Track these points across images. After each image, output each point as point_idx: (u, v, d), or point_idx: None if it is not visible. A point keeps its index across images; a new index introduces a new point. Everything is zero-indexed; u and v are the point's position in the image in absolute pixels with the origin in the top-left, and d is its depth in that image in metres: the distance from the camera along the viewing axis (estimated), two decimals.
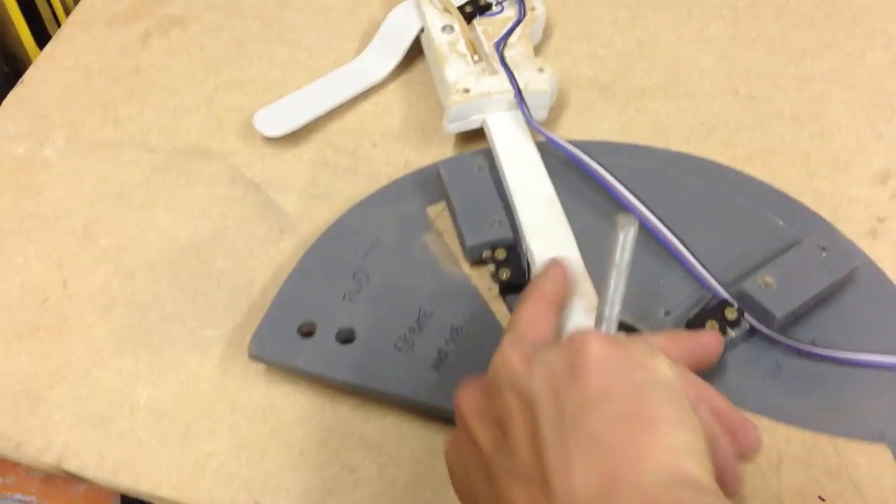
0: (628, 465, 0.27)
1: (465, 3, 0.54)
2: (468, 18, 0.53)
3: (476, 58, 0.51)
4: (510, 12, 0.53)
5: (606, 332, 0.34)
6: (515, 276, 0.43)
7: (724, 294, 0.41)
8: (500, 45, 0.51)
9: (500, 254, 0.43)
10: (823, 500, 0.37)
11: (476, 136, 0.50)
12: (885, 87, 0.52)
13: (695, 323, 0.40)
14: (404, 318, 0.42)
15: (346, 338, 0.42)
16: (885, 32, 0.55)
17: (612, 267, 0.34)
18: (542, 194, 0.45)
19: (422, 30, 0.54)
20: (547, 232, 0.44)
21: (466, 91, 0.48)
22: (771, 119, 0.51)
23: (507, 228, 0.44)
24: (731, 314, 0.40)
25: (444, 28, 0.52)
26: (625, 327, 0.40)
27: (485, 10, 0.53)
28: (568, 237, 0.44)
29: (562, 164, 0.47)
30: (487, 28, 0.52)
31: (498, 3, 0.53)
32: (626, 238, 0.33)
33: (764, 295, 0.40)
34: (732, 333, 0.40)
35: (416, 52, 0.55)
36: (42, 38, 0.73)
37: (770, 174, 0.48)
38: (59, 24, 0.74)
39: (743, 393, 0.39)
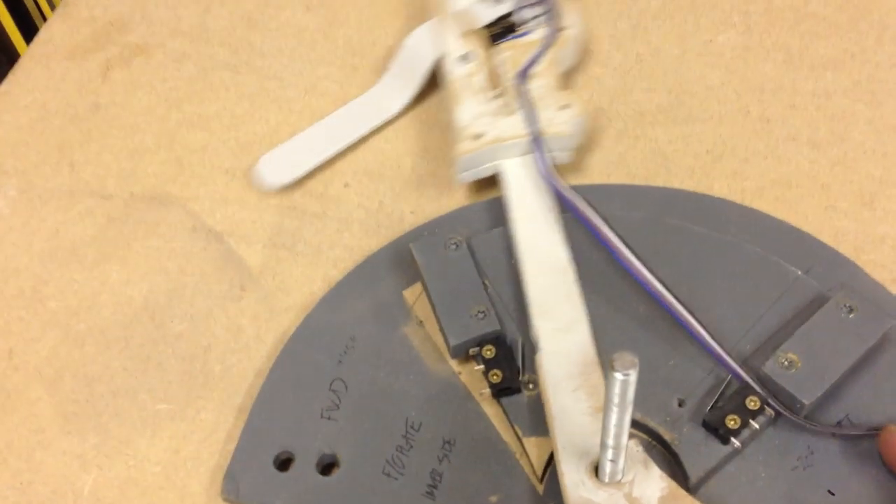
0: None
1: (495, 22, 0.48)
2: (496, 39, 0.48)
3: (496, 92, 0.46)
4: (542, 32, 0.48)
5: (613, 473, 0.32)
6: (509, 378, 0.38)
7: (746, 377, 0.36)
8: (522, 76, 0.45)
9: (489, 352, 0.38)
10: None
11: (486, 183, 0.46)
12: None
13: (714, 419, 0.36)
14: (391, 435, 0.38)
15: (328, 465, 0.38)
16: None
17: (611, 410, 0.29)
18: (556, 263, 0.40)
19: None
20: (556, 311, 0.39)
21: (478, 137, 0.43)
22: (786, 145, 0.46)
23: (494, 320, 0.39)
24: (753, 404, 0.35)
25: (462, 57, 0.47)
26: (636, 425, 0.36)
27: (515, 30, 0.48)
28: (579, 318, 0.38)
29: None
30: (515, 53, 0.47)
31: (531, 20, 0.48)
32: (626, 384, 0.28)
33: (788, 379, 0.35)
34: (756, 425, 0.35)
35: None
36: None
37: (784, 210, 0.43)
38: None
39: (774, 489, 0.35)
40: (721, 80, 0.49)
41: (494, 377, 0.37)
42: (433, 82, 0.50)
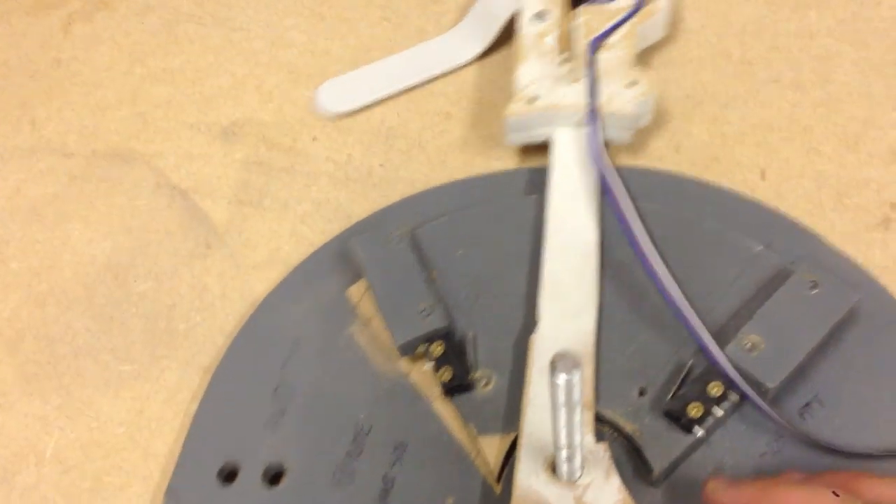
0: None
1: None
2: (576, 2, 0.46)
3: (565, 56, 0.44)
4: (628, 1, 0.45)
5: (570, 472, 0.31)
6: (460, 376, 0.36)
7: (726, 366, 0.34)
8: (596, 44, 0.43)
9: (437, 349, 0.36)
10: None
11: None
12: None
13: (676, 408, 0.34)
14: (339, 440, 0.36)
15: (276, 475, 0.36)
16: None
17: (559, 412, 0.28)
18: (580, 245, 0.38)
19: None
20: (567, 294, 0.37)
21: (533, 100, 0.41)
22: (768, 87, 0.45)
23: (441, 316, 0.37)
24: (715, 390, 0.34)
25: (538, 14, 0.45)
26: (597, 418, 0.35)
27: None
28: (589, 307, 0.37)
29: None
30: (593, 19, 0.45)
31: None
32: (570, 385, 0.26)
33: (752, 361, 0.34)
34: (720, 411, 0.34)
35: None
36: None
37: (766, 154, 0.42)
38: None
39: (742, 477, 0.33)
40: (701, 22, 0.48)
41: (445, 375, 0.36)
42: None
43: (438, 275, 0.39)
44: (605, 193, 0.39)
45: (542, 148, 0.43)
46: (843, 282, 0.36)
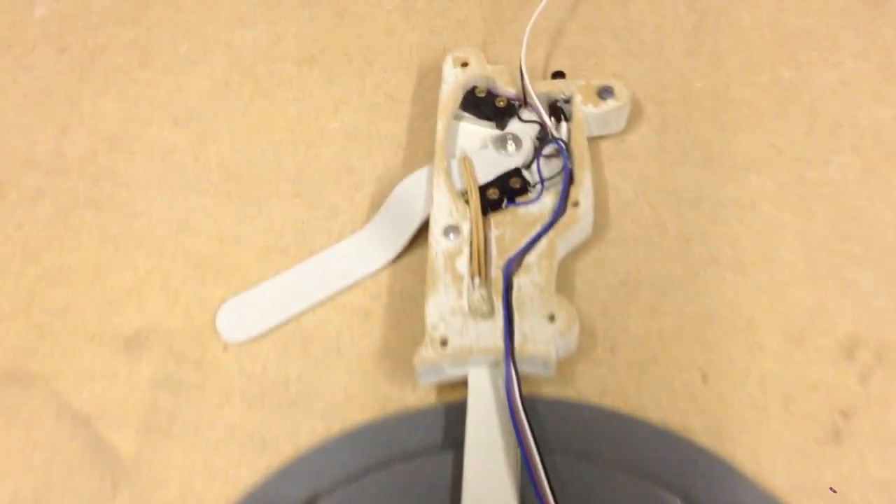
0: None
1: (493, 183, 0.44)
2: (494, 205, 0.43)
3: (478, 282, 0.41)
4: (550, 201, 0.43)
5: None
6: None
7: None
8: (511, 267, 0.41)
9: None
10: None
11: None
12: (855, 210, 0.44)
13: None
14: None
15: None
16: (857, 126, 0.46)
17: None
18: None
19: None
20: None
21: (444, 343, 0.40)
22: (708, 270, 0.43)
23: None
24: None
25: (446, 230, 0.42)
26: None
27: (518, 193, 0.43)
28: None
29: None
30: (506, 233, 0.42)
31: (539, 183, 0.43)
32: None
33: None
34: None
35: None
36: None
37: (707, 352, 0.41)
38: None
39: None
40: (635, 190, 0.46)
41: None
42: None
43: None
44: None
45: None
46: None
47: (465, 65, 0.48)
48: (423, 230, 0.45)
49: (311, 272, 0.46)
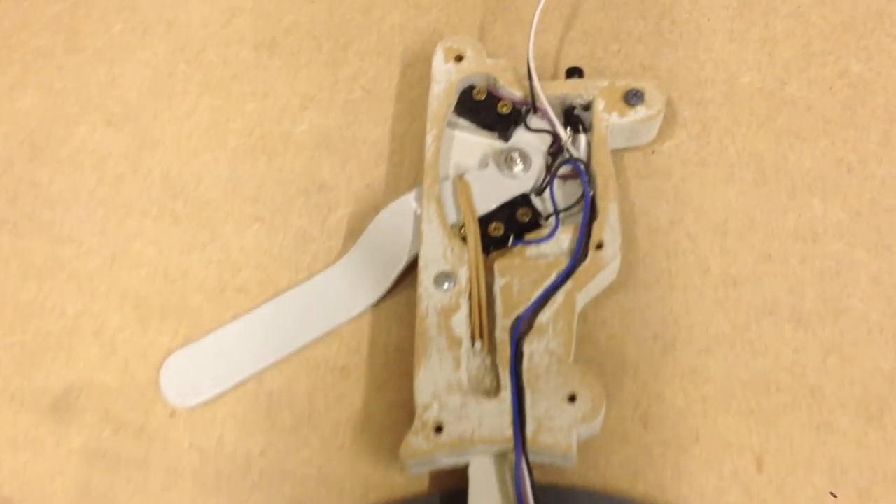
0: None
1: (496, 214, 0.36)
2: (498, 244, 0.36)
3: (479, 346, 0.34)
4: (567, 238, 0.35)
5: None
6: None
7: None
8: (521, 326, 0.33)
9: None
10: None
11: None
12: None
13: None
14: None
15: None
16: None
17: None
18: None
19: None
20: None
21: (438, 429, 0.32)
22: (761, 322, 0.36)
23: None
24: None
25: (440, 277, 0.34)
26: None
27: (527, 228, 0.36)
28: None
29: None
30: (514, 281, 0.34)
31: (553, 215, 0.36)
32: None
33: None
34: None
35: None
36: None
37: (762, 429, 0.34)
38: None
39: None
40: (671, 216, 0.38)
41: None
42: None
43: None
44: None
45: None
46: None
47: (459, 58, 0.39)
48: (412, 266, 0.38)
49: (276, 318, 0.39)
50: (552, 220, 0.36)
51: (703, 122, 0.40)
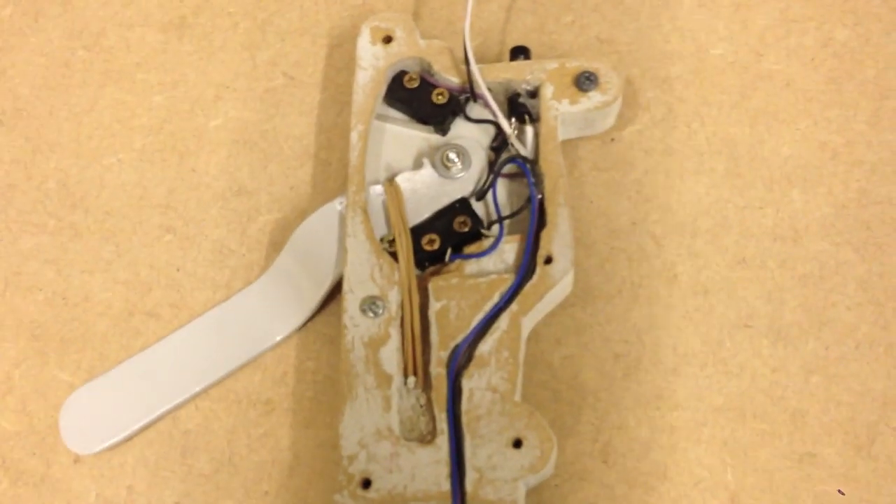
0: None
1: (430, 224, 0.32)
2: (434, 259, 0.32)
3: (414, 381, 0.30)
4: (512, 250, 0.31)
5: None
6: None
7: None
8: (459, 358, 0.29)
9: None
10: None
11: None
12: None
13: None
14: None
15: None
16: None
17: None
18: None
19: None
20: None
21: (365, 486, 0.29)
22: (736, 335, 0.32)
23: None
24: None
25: (366, 303, 0.31)
26: None
27: (466, 240, 0.32)
28: None
29: None
30: (451, 304, 0.30)
31: (497, 222, 0.32)
32: None
33: None
34: None
35: None
36: None
37: (740, 464, 0.30)
38: None
39: None
40: (631, 214, 0.34)
41: None
42: None
43: None
44: None
45: None
46: None
47: (388, 39, 0.34)
48: (343, 282, 0.34)
49: (191, 346, 0.35)
50: (495, 228, 0.32)
51: (668, 104, 0.35)
